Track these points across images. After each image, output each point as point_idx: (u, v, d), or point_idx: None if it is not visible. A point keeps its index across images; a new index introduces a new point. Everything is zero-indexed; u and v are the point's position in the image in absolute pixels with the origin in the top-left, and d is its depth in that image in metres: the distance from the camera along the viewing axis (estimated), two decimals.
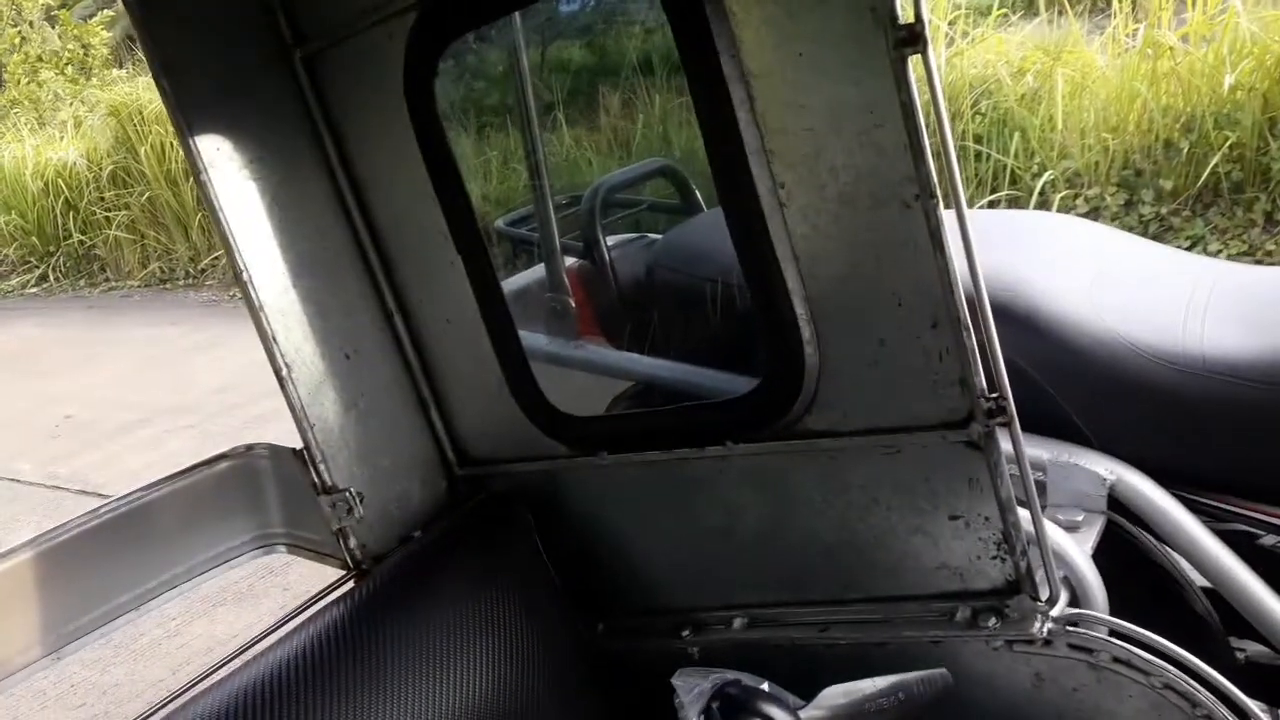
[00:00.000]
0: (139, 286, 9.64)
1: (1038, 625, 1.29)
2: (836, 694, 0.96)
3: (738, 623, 1.51)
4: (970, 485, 1.26)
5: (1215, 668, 1.26)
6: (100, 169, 9.82)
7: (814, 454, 1.35)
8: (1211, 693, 1.24)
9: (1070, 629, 1.29)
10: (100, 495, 5.43)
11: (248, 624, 3.79)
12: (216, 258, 9.04)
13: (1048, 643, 1.29)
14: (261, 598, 3.96)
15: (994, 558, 1.30)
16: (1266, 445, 1.50)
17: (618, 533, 1.59)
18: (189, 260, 9.36)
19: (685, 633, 1.55)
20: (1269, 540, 1.56)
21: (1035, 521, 1.24)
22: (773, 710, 0.86)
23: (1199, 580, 1.66)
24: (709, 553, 1.52)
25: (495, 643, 1.46)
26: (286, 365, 1.46)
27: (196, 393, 6.65)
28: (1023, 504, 1.25)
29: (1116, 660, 1.27)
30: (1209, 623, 1.68)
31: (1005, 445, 1.23)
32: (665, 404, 1.64)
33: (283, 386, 1.47)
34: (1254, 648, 1.74)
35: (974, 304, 1.14)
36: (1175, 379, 1.53)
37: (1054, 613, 1.29)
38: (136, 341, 8.13)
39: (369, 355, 1.57)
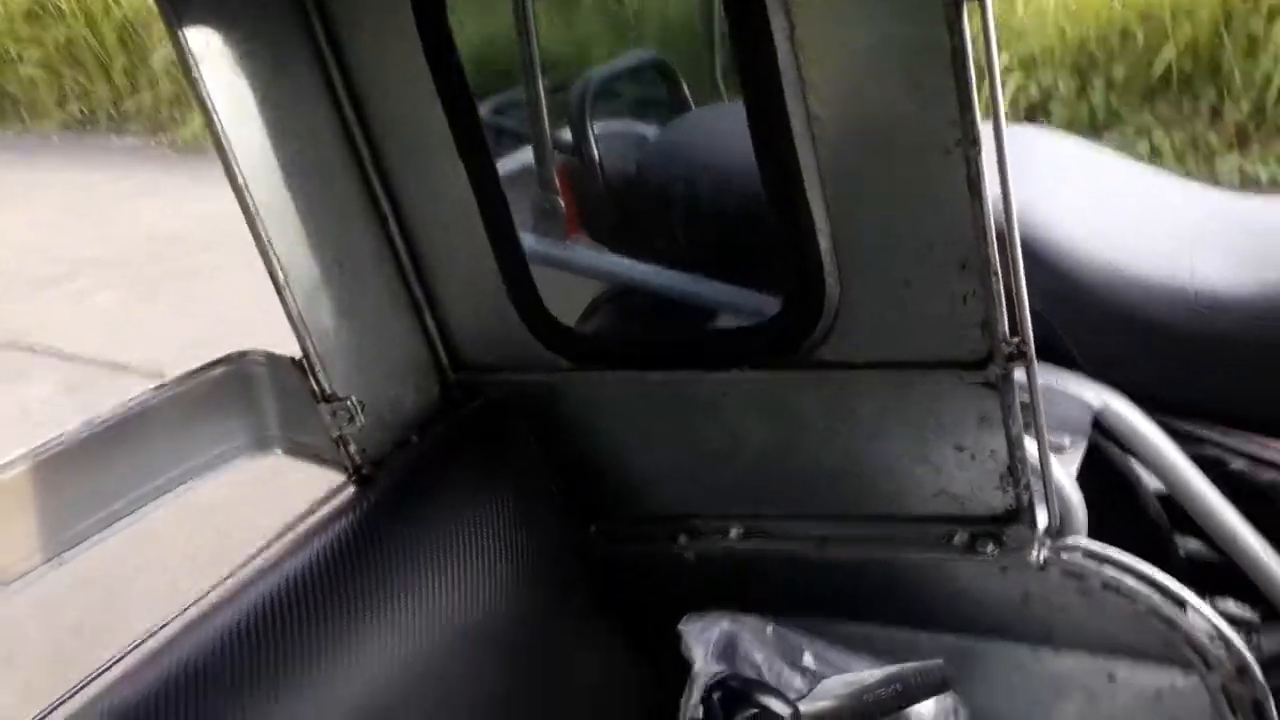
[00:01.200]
0: (57, 128, 9.18)
1: (1034, 553, 1.35)
2: (835, 685, 0.99)
3: (734, 532, 1.55)
4: (980, 422, 1.29)
5: (1163, 564, 1.34)
6: (10, 4, 9.22)
7: (824, 384, 1.37)
8: (1198, 619, 1.32)
9: (1064, 555, 1.35)
10: (30, 350, 5.29)
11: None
12: (140, 100, 8.63)
13: (1042, 568, 1.35)
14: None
15: (996, 488, 1.34)
16: (1246, 376, 1.56)
17: (613, 444, 1.60)
18: (110, 102, 8.90)
19: (681, 539, 1.58)
20: (1237, 465, 1.64)
21: (1042, 458, 1.28)
22: (771, 701, 0.89)
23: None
24: (708, 468, 1.54)
25: (494, 545, 1.48)
26: (283, 271, 1.42)
27: (126, 244, 6.44)
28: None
29: (1105, 585, 1.34)
30: (1160, 524, 1.77)
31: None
32: (673, 323, 1.64)
33: (280, 294, 1.42)
34: (1192, 544, 1.84)
35: (1005, 248, 1.15)
36: (1164, 309, 1.57)
37: (1050, 540, 1.35)
38: (57, 186, 7.79)
39: (363, 260, 1.53)
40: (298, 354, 1.47)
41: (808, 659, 1.33)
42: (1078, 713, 1.45)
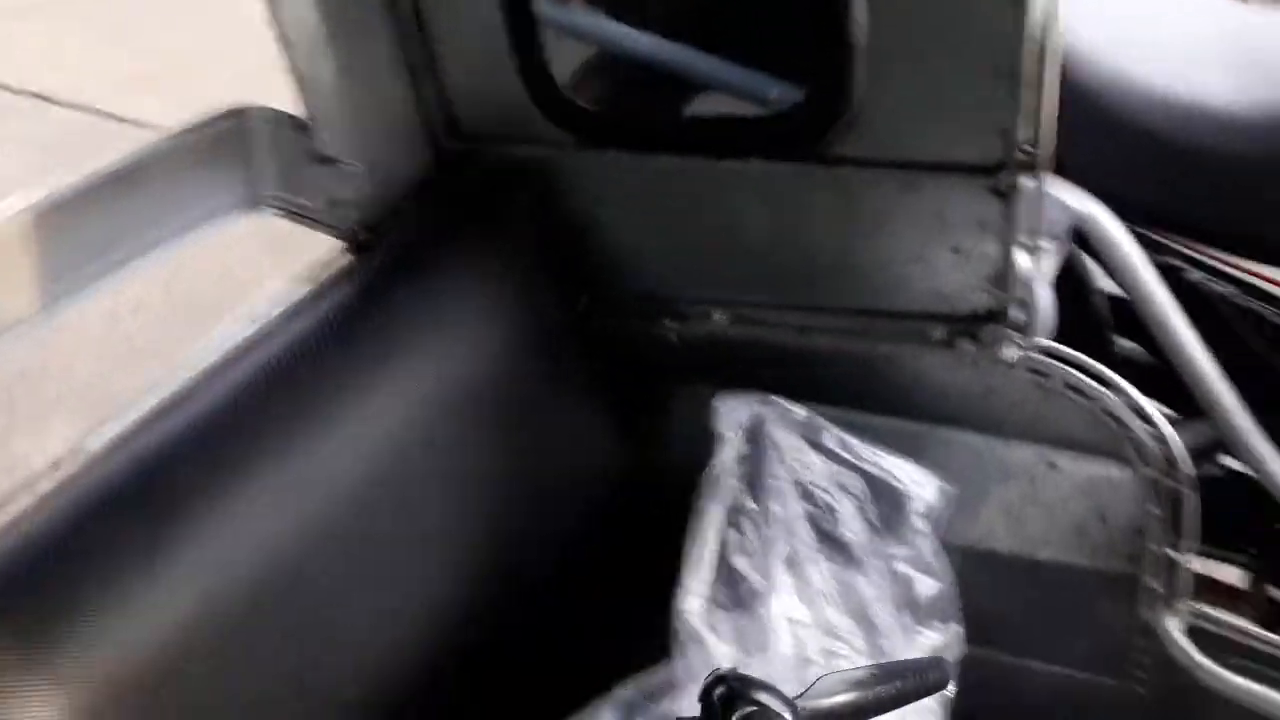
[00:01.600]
0: None
1: (1007, 351, 1.42)
2: (832, 683, 1.02)
3: (717, 316, 1.60)
4: (981, 226, 1.33)
5: (1102, 361, 1.43)
6: None
7: (835, 180, 1.38)
8: (1142, 421, 1.42)
9: (1033, 355, 1.43)
10: None
11: None
12: None
13: (1011, 366, 1.43)
14: None
15: (982, 290, 1.40)
16: (1225, 192, 1.62)
17: (605, 221, 1.61)
18: None
19: (666, 320, 1.63)
20: (1193, 276, 1.72)
21: (1033, 266, 1.34)
22: (770, 699, 0.93)
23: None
24: (700, 252, 1.57)
25: (488, 310, 1.52)
26: (293, 30, 1.37)
27: None
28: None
29: (1066, 385, 1.43)
30: (1105, 325, 1.88)
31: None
32: (683, 104, 1.60)
33: (287, 52, 1.38)
34: (1125, 344, 1.95)
35: (1041, 59, 1.15)
36: (1159, 119, 1.60)
37: (1023, 341, 1.42)
38: None
39: (365, 18, 1.47)
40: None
41: (829, 441, 1.39)
42: (1019, 496, 1.57)
